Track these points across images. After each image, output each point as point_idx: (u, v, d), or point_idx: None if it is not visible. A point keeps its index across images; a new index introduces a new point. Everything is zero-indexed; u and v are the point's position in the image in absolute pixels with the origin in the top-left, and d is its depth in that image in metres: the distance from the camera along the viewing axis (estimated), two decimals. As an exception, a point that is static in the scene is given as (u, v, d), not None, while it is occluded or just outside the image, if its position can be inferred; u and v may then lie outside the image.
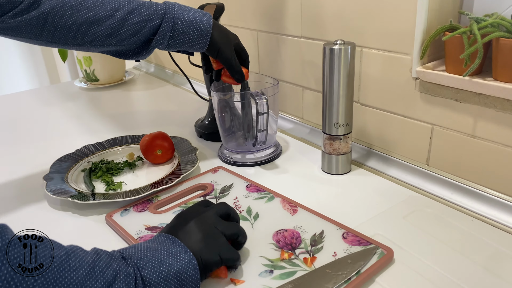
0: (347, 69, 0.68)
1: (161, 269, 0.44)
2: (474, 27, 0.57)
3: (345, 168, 0.76)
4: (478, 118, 0.61)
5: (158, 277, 0.43)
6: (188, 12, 0.69)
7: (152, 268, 0.44)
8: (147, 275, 0.43)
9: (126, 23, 0.66)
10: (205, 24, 0.69)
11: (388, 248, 0.54)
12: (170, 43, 0.69)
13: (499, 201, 0.61)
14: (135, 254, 0.45)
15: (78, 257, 0.40)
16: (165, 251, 0.46)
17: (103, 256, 0.42)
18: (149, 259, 0.44)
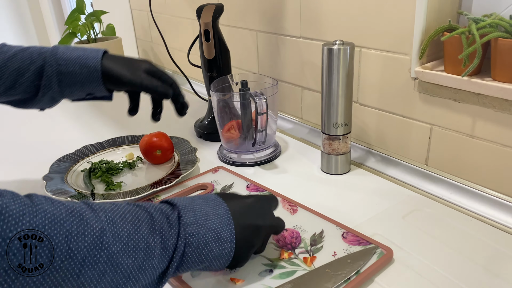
0: (346, 69, 0.68)
1: (202, 252, 0.44)
2: (472, 28, 0.58)
3: (344, 168, 0.76)
4: (476, 118, 0.62)
5: (195, 258, 0.44)
6: (74, 51, 0.65)
7: (196, 249, 0.44)
8: (189, 254, 0.43)
9: (6, 68, 0.61)
10: (91, 59, 0.64)
11: (387, 248, 0.54)
12: (61, 85, 0.64)
13: (498, 201, 0.61)
14: (192, 226, 0.44)
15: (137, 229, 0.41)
16: (216, 233, 0.45)
17: (165, 230, 0.42)
18: (198, 238, 0.44)
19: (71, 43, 1.39)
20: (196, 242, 0.44)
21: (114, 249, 0.38)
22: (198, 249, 0.44)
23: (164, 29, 1.33)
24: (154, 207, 0.44)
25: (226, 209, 0.47)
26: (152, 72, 0.67)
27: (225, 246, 0.46)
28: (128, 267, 0.39)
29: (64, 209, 0.37)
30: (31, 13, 2.91)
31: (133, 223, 0.41)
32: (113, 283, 0.38)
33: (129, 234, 0.40)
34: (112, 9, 1.56)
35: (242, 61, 1.07)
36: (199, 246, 0.44)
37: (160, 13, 1.36)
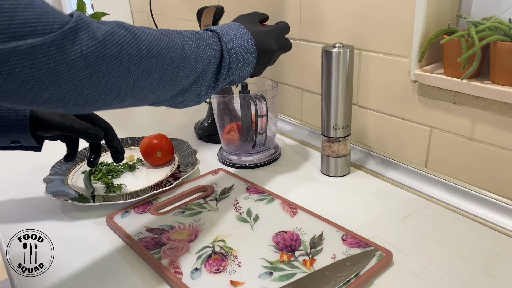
0: (346, 72, 0.68)
1: (239, 61, 0.58)
2: (472, 31, 0.58)
3: (344, 170, 0.76)
4: (476, 121, 0.62)
5: (236, 65, 0.58)
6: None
7: (236, 58, 0.58)
8: (233, 62, 0.57)
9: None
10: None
11: (387, 251, 0.54)
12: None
13: (497, 203, 0.62)
14: (229, 39, 0.58)
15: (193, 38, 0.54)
16: (244, 47, 0.59)
17: (207, 40, 0.56)
18: (236, 49, 0.58)
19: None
20: (235, 55, 0.58)
21: (188, 60, 0.51)
22: (236, 59, 0.58)
23: (165, 31, 1.33)
24: (202, 34, 0.56)
25: (246, 30, 0.61)
26: (84, 115, 0.67)
27: (251, 56, 0.60)
28: (196, 70, 0.53)
29: (157, 32, 0.48)
30: (31, 14, 2.91)
31: (194, 40, 0.54)
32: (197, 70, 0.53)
33: (194, 48, 0.53)
34: (113, 11, 1.56)
35: (242, 63, 1.07)
36: (236, 57, 0.58)
37: (161, 15, 1.37)
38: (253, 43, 0.60)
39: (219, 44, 0.56)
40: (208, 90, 0.57)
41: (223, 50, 0.56)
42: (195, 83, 0.54)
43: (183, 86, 0.52)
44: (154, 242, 0.59)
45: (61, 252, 0.59)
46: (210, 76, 0.55)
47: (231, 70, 0.58)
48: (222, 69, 0.56)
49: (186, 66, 0.51)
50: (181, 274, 0.53)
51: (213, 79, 0.57)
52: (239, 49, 0.58)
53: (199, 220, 0.64)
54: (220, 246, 0.58)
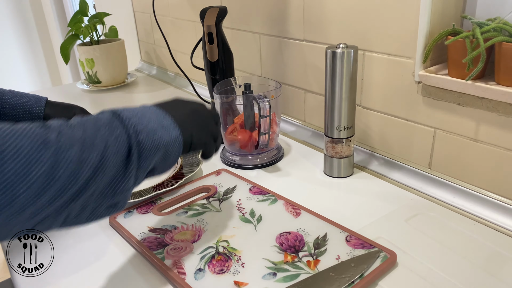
0: (349, 73, 0.68)
1: (154, 138, 0.46)
2: (476, 32, 0.58)
3: (347, 171, 0.76)
4: (480, 122, 0.62)
5: (150, 145, 0.45)
6: (18, 97, 0.71)
7: (147, 135, 0.45)
8: (143, 140, 0.44)
9: None
10: (35, 106, 0.72)
11: (391, 252, 0.54)
12: None
13: (502, 205, 0.61)
14: (133, 118, 0.45)
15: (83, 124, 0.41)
16: (158, 123, 0.47)
17: (104, 121, 0.43)
18: (145, 126, 0.46)
19: (74, 45, 1.40)
20: (145, 130, 0.45)
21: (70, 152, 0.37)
22: (149, 135, 0.45)
23: (167, 31, 1.33)
24: (93, 119, 0.44)
25: (159, 108, 0.50)
26: None
27: (171, 132, 0.48)
28: (89, 161, 0.39)
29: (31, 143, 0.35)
30: (33, 15, 2.92)
31: (79, 126, 0.41)
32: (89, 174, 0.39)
33: (81, 134, 0.40)
34: (115, 11, 1.56)
35: (245, 64, 1.07)
36: (149, 133, 0.45)
37: (163, 15, 1.37)
38: (168, 117, 0.49)
39: (119, 123, 0.44)
40: (116, 184, 0.42)
41: (126, 127, 0.44)
42: (94, 180, 0.39)
43: (73, 190, 0.38)
44: (157, 243, 0.59)
45: (63, 252, 0.59)
46: (114, 165, 0.41)
47: (145, 151, 0.44)
48: (131, 151, 0.43)
49: (68, 161, 0.37)
50: (184, 274, 0.53)
51: (121, 167, 0.42)
52: (149, 124, 0.46)
53: (202, 220, 0.64)
54: (223, 246, 0.58)
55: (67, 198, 0.38)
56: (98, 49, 1.34)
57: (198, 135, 0.53)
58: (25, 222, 0.35)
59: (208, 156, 0.59)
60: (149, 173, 0.48)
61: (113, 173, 0.41)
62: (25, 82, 2.93)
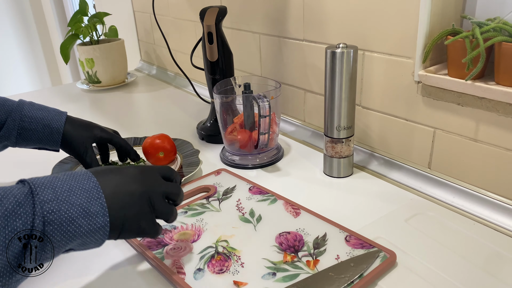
0: (349, 73, 0.68)
1: (68, 229, 0.40)
2: (476, 31, 0.58)
3: (347, 171, 0.76)
4: (480, 122, 0.62)
5: (60, 237, 0.40)
6: (38, 110, 0.70)
7: (59, 226, 0.39)
8: (50, 232, 0.39)
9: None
10: (55, 121, 0.70)
11: (390, 252, 0.54)
12: (18, 139, 0.69)
13: (501, 205, 0.61)
14: (50, 204, 0.40)
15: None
16: (82, 209, 0.41)
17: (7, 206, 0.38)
18: (60, 215, 0.40)
19: (74, 45, 1.40)
20: (58, 220, 0.39)
21: None
22: (62, 227, 0.40)
23: (167, 31, 1.33)
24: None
25: (95, 182, 0.43)
26: (103, 139, 0.76)
27: (96, 220, 0.42)
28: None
29: None
30: (33, 15, 2.92)
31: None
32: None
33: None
34: (115, 11, 1.56)
35: (245, 64, 1.07)
36: (62, 223, 0.40)
37: (163, 15, 1.37)
38: (102, 201, 0.42)
39: (29, 209, 0.39)
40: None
41: (35, 215, 0.38)
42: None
43: None
44: (157, 242, 0.59)
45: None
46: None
47: (52, 242, 0.39)
48: (27, 249, 0.38)
49: None
50: (184, 274, 0.53)
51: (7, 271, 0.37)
52: (71, 211, 0.40)
53: (202, 220, 0.64)
54: (223, 246, 0.58)
55: None
56: (98, 49, 1.34)
57: (134, 218, 0.46)
58: None
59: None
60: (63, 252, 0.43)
61: None
62: (25, 82, 2.93)
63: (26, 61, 2.94)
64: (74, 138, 0.72)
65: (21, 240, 0.38)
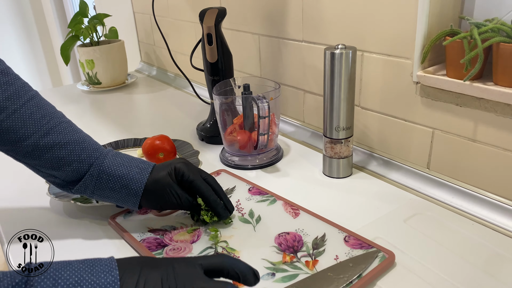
0: (348, 73, 0.68)
1: None
2: (474, 32, 0.58)
3: (346, 172, 0.76)
4: (478, 122, 0.62)
5: None
6: (120, 167, 0.60)
7: None
8: None
9: (53, 153, 0.57)
10: (135, 182, 0.59)
11: (389, 252, 0.54)
12: (93, 194, 0.60)
13: (500, 205, 0.61)
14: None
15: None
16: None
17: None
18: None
19: (74, 46, 1.40)
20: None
21: None
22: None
23: (167, 32, 1.33)
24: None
25: (115, 277, 0.35)
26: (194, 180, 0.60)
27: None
28: None
29: None
30: (34, 16, 2.93)
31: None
32: None
33: None
34: (115, 12, 1.57)
35: (244, 65, 1.07)
36: None
37: (163, 16, 1.37)
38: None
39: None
40: None
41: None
42: None
43: None
44: (157, 243, 0.59)
45: (63, 252, 0.59)
46: None
47: None
48: None
49: None
50: (183, 274, 0.53)
51: None
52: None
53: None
54: (222, 247, 0.58)
55: None
56: (98, 50, 1.34)
57: None
58: None
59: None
60: None
61: None
62: (26, 83, 2.93)
63: (27, 62, 2.95)
64: (153, 201, 0.60)
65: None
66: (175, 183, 0.60)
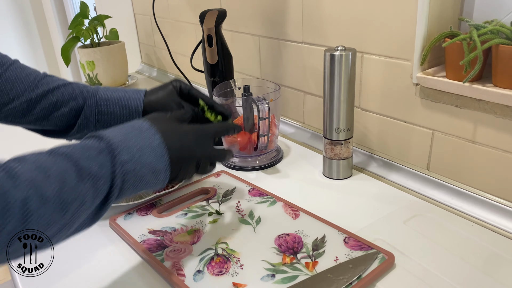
0: (348, 75, 0.68)
1: (138, 185, 0.45)
2: (474, 34, 0.58)
3: (346, 173, 0.76)
4: (478, 123, 0.62)
5: (130, 191, 0.45)
6: (114, 92, 0.64)
7: (132, 183, 0.45)
8: (125, 189, 0.44)
9: (45, 100, 0.60)
10: (133, 100, 0.63)
11: (389, 253, 0.54)
12: (97, 126, 0.63)
13: (499, 206, 0.62)
14: (128, 164, 0.44)
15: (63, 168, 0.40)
16: (151, 167, 0.46)
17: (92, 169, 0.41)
18: (135, 174, 0.45)
19: (75, 47, 1.40)
20: (133, 178, 0.45)
21: (41, 212, 0.37)
22: (135, 183, 0.45)
23: (167, 33, 1.33)
24: (79, 151, 0.42)
25: (160, 140, 0.48)
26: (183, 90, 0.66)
27: (160, 176, 0.47)
28: (60, 221, 0.39)
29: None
30: (35, 17, 2.93)
31: (58, 177, 0.39)
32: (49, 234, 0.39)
33: (56, 192, 0.38)
34: (116, 14, 1.57)
35: (244, 66, 1.08)
36: (136, 180, 0.45)
37: (163, 17, 1.37)
38: (166, 159, 0.47)
39: (109, 169, 0.43)
40: (83, 227, 0.44)
41: (115, 175, 0.43)
42: (57, 235, 0.40)
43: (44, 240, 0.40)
44: (157, 244, 0.59)
45: (63, 254, 0.59)
46: (83, 218, 0.42)
47: (122, 195, 0.45)
48: (107, 203, 0.44)
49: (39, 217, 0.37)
50: (183, 276, 0.53)
51: (92, 216, 0.44)
52: (142, 170, 0.45)
53: (202, 222, 0.64)
54: (222, 248, 0.58)
55: None
56: (98, 51, 1.34)
57: (186, 172, 0.51)
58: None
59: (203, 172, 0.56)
60: None
61: (79, 223, 0.42)
62: (26, 84, 2.93)
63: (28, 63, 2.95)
64: (157, 110, 0.63)
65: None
66: (174, 101, 0.64)
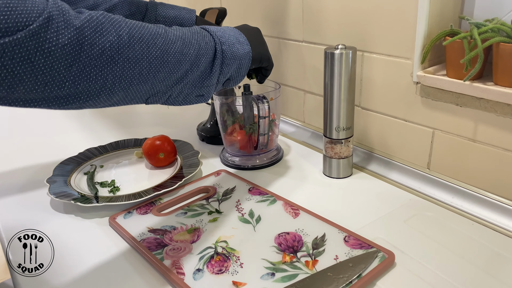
0: (348, 74, 0.68)
1: (233, 49, 0.59)
2: (474, 32, 0.58)
3: (346, 172, 0.76)
4: (478, 122, 0.62)
5: (230, 54, 0.58)
6: (171, 9, 0.76)
7: (228, 46, 0.58)
8: (225, 49, 0.58)
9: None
10: (187, 20, 0.77)
11: (389, 252, 0.54)
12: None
13: (500, 205, 0.61)
14: (218, 32, 0.59)
15: (175, 32, 0.53)
16: (236, 38, 0.60)
17: (196, 30, 0.56)
18: (226, 39, 0.59)
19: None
20: (227, 41, 0.58)
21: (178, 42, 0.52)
22: (230, 46, 0.58)
23: (167, 32, 1.33)
24: (187, 28, 0.57)
25: (236, 30, 0.62)
26: None
27: (244, 47, 0.61)
28: (190, 54, 0.53)
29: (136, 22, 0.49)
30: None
31: (181, 30, 0.54)
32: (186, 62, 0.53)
33: (181, 34, 0.53)
34: (116, 13, 1.57)
35: (244, 65, 1.07)
36: (229, 44, 0.58)
37: (163, 17, 1.37)
38: (243, 35, 0.62)
39: (208, 33, 0.57)
40: (204, 78, 0.56)
41: (214, 37, 0.57)
42: (190, 71, 0.53)
43: (177, 75, 0.52)
44: (157, 243, 0.59)
45: (64, 253, 0.59)
46: (204, 63, 0.55)
47: (226, 59, 0.58)
48: (216, 55, 0.56)
49: (174, 51, 0.51)
50: (183, 274, 0.53)
51: (208, 66, 0.56)
52: (230, 38, 0.59)
53: (201, 221, 0.64)
54: (222, 247, 0.58)
55: (172, 82, 0.51)
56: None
57: (263, 52, 0.67)
58: (147, 91, 0.50)
59: (264, 78, 0.73)
60: (226, 81, 0.61)
61: (202, 69, 0.55)
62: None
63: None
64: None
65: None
66: None
